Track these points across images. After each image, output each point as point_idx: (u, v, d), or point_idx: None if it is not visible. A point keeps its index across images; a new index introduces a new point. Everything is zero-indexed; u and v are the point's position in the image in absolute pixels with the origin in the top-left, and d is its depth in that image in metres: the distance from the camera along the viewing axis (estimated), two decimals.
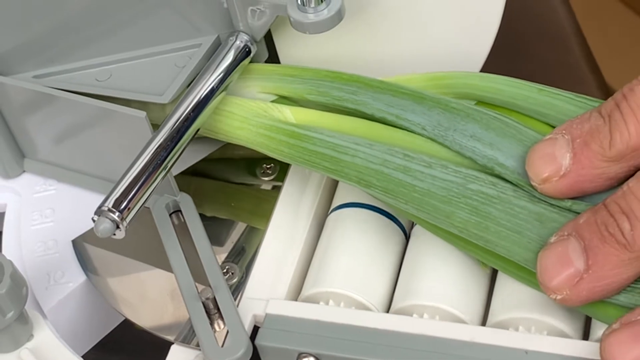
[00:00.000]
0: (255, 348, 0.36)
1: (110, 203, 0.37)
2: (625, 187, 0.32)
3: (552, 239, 0.34)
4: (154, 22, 0.42)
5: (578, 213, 0.34)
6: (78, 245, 0.43)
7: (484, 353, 0.34)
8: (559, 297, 0.33)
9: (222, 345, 0.36)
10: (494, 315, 0.36)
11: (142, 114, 0.39)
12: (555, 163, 0.34)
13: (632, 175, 0.33)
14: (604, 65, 0.57)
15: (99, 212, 0.37)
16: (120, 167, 0.40)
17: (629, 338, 0.32)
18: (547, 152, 0.34)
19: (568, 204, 0.35)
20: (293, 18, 0.39)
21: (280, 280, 0.38)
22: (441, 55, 0.43)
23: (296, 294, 0.38)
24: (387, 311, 0.37)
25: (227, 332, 0.36)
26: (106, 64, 0.43)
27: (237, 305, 0.37)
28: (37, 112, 0.43)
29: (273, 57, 0.43)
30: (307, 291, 0.37)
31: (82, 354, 0.41)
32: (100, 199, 0.42)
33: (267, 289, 0.38)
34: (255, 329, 0.37)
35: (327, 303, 0.37)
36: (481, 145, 0.36)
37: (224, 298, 0.37)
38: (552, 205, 0.35)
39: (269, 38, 0.43)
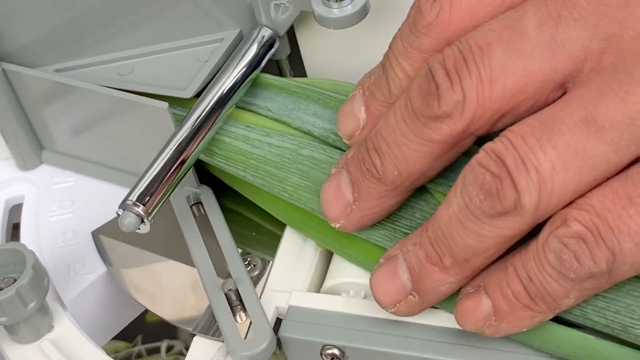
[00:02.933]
0: (278, 340, 0.36)
1: (134, 197, 0.37)
2: (377, 126, 0.34)
3: (332, 171, 0.36)
4: (176, 16, 0.42)
5: None
6: (97, 237, 0.43)
7: (509, 345, 0.34)
8: (337, 225, 0.36)
9: (245, 337, 0.36)
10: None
11: (164, 104, 0.39)
12: (355, 119, 0.36)
13: None
14: None
15: (123, 205, 0.36)
16: (141, 159, 0.41)
17: (388, 273, 0.34)
18: (348, 109, 0.37)
19: None
20: (317, 13, 0.39)
21: (302, 272, 0.38)
22: None
23: (319, 285, 0.39)
24: None
25: (250, 323, 0.36)
26: (128, 58, 0.43)
27: (260, 297, 0.38)
28: (56, 103, 0.43)
29: (295, 53, 0.44)
30: (330, 282, 0.38)
31: (102, 345, 0.41)
32: (119, 190, 0.43)
33: (289, 281, 0.38)
34: (278, 321, 0.37)
35: (349, 293, 0.37)
36: (320, 121, 0.39)
37: (246, 290, 0.37)
38: None
39: (290, 33, 0.43)
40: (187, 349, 0.38)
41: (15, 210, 0.45)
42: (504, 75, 0.31)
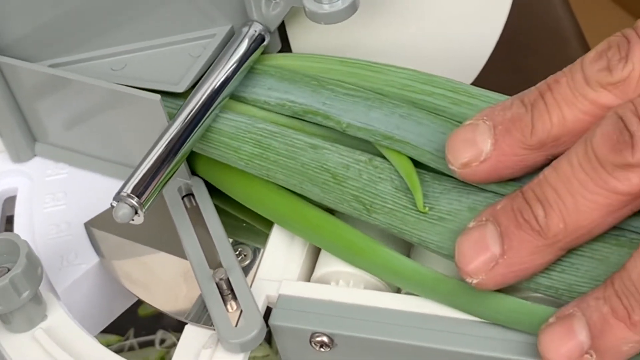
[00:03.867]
0: (268, 328, 0.37)
1: (129, 189, 0.37)
2: (541, 175, 0.33)
3: (471, 224, 0.34)
4: (169, 12, 0.43)
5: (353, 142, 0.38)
6: (89, 229, 0.43)
7: (495, 332, 0.35)
8: (474, 281, 0.34)
9: (236, 325, 0.37)
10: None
11: (157, 96, 0.40)
12: (475, 148, 0.35)
13: (548, 163, 0.34)
14: None
15: (117, 197, 0.37)
16: (134, 151, 0.41)
17: (563, 331, 0.33)
18: (468, 137, 0.35)
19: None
20: (308, 8, 0.40)
21: (292, 261, 0.39)
22: (450, 46, 0.44)
23: (309, 275, 0.39)
24: (399, 290, 0.38)
25: (241, 312, 0.37)
26: (121, 53, 0.43)
27: (250, 286, 0.38)
28: (50, 96, 0.43)
29: (285, 48, 0.44)
30: (320, 271, 0.38)
31: (95, 334, 0.42)
32: (112, 182, 0.44)
33: (279, 270, 0.39)
34: (268, 310, 0.38)
35: (339, 282, 0.38)
36: (276, 93, 0.41)
37: (237, 279, 0.38)
38: (325, 138, 0.39)
39: (281, 28, 0.43)
40: (179, 341, 0.39)
41: (8, 202, 0.46)
42: None
